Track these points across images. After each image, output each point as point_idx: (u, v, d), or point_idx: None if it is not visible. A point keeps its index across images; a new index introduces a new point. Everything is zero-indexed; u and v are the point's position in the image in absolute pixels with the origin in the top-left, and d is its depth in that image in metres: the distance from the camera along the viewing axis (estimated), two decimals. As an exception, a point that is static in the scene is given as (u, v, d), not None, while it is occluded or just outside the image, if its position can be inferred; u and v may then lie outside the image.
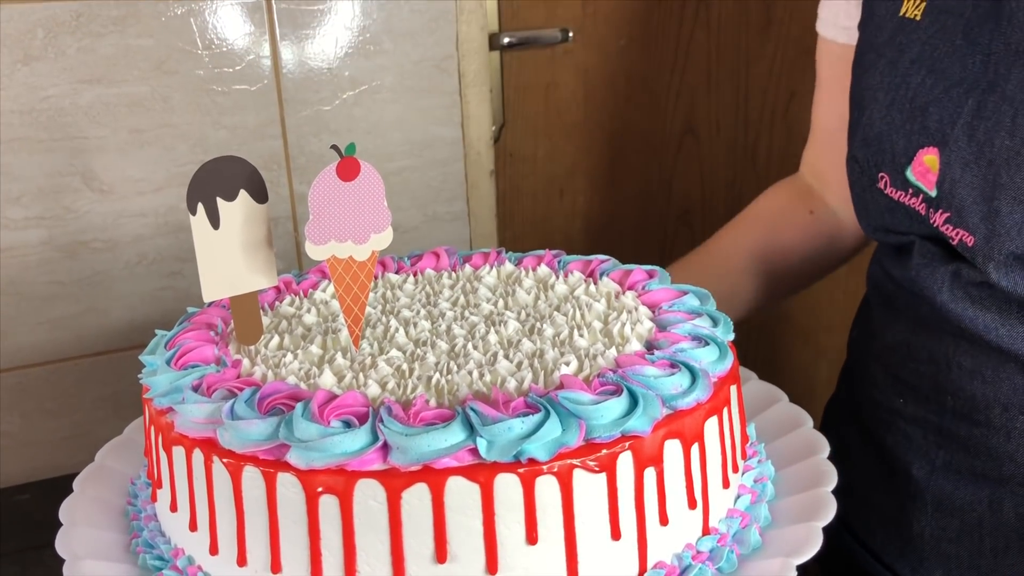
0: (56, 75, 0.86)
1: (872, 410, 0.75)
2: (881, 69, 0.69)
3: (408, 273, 0.70)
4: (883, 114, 0.67)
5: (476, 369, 0.52)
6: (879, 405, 0.74)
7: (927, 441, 0.70)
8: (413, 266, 0.71)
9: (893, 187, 0.67)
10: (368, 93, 0.96)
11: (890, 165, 0.67)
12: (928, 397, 0.70)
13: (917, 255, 0.68)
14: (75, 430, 0.93)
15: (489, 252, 0.73)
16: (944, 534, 0.70)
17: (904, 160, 0.66)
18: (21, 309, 0.89)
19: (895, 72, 0.67)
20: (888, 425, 0.73)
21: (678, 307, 0.61)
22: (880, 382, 0.74)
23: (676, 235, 1.31)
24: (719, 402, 0.53)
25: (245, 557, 0.49)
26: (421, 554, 0.46)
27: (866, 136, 0.69)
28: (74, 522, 0.56)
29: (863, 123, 0.69)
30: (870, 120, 0.69)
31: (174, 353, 0.55)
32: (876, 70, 0.69)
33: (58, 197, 0.88)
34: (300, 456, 0.46)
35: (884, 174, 0.68)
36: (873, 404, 0.75)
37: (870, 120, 0.69)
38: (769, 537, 0.54)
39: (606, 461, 0.47)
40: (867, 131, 0.69)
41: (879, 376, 0.75)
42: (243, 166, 0.54)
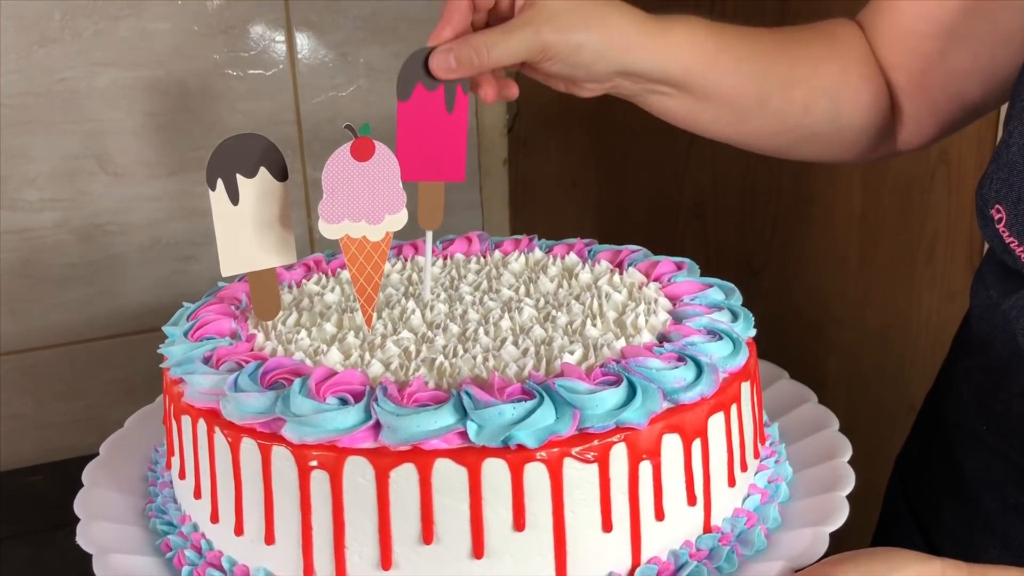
0: (72, 57, 0.87)
1: (954, 429, 0.70)
2: None
3: (438, 257, 0.70)
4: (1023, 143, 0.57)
5: (481, 354, 0.52)
6: (961, 425, 0.69)
7: (1006, 476, 0.65)
8: (444, 250, 0.71)
9: (1007, 229, 0.57)
10: (383, 80, 0.97)
11: (1012, 206, 0.56)
12: (1012, 431, 0.64)
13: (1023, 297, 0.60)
14: (87, 412, 0.95)
15: (521, 239, 0.72)
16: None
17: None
18: (35, 291, 0.91)
19: None
20: (968, 448, 0.68)
21: (700, 300, 0.60)
22: (964, 402, 0.69)
23: (688, 227, 1.29)
24: (727, 398, 0.52)
25: (242, 527, 0.50)
26: (408, 534, 0.46)
27: (1000, 155, 0.58)
28: (94, 484, 0.58)
29: (1003, 137, 0.59)
30: (1008, 140, 0.58)
31: (192, 325, 0.57)
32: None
33: (73, 180, 0.90)
34: (294, 430, 0.46)
35: (1000, 208, 0.57)
36: (955, 423, 0.70)
37: (1008, 140, 0.58)
38: (776, 539, 0.52)
39: (599, 452, 0.46)
40: (1003, 150, 0.58)
41: (964, 396, 0.69)
42: (264, 143, 0.55)
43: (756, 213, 1.35)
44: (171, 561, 0.52)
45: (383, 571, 0.46)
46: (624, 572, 0.48)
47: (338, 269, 0.68)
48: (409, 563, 0.46)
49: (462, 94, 0.58)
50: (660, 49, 0.63)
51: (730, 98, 0.67)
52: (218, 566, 0.50)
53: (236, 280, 0.65)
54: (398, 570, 0.46)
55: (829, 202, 1.38)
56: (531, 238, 0.72)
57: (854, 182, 1.37)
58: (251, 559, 0.50)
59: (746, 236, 1.36)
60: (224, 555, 0.51)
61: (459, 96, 0.57)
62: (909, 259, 1.38)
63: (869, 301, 1.41)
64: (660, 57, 0.63)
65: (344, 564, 0.47)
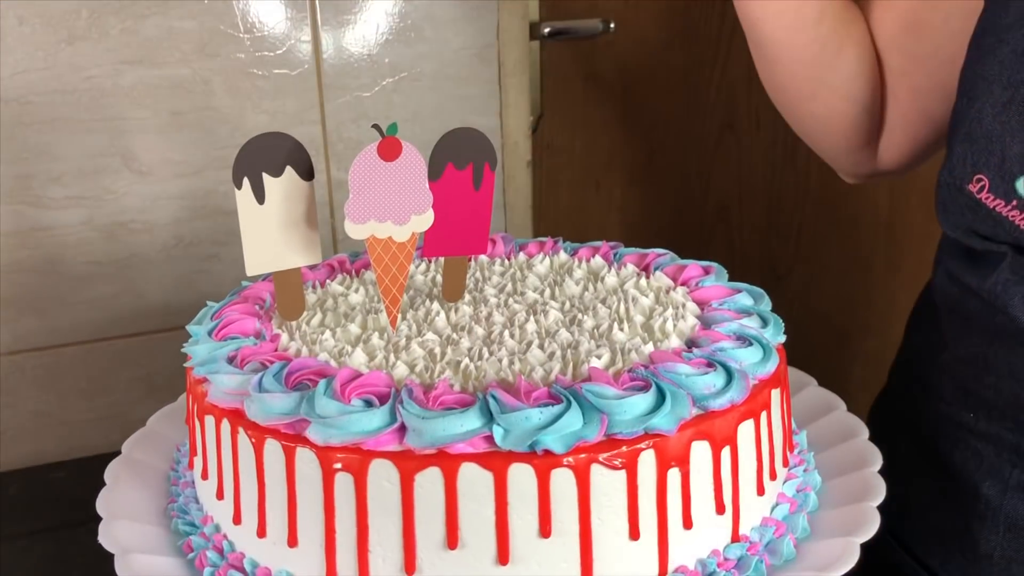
0: (99, 56, 0.87)
1: (935, 424, 0.71)
2: (1002, 58, 0.61)
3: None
4: (998, 111, 0.60)
5: (507, 357, 0.51)
6: (945, 419, 0.70)
7: (1000, 459, 0.66)
8: (469, 252, 0.71)
9: (991, 194, 0.61)
10: (408, 80, 0.96)
11: (996, 170, 0.60)
12: (1004, 414, 0.65)
13: (1007, 269, 0.62)
14: (109, 411, 0.95)
15: (546, 241, 0.72)
16: (1017, 555, 0.66)
17: (1017, 169, 0.58)
18: (59, 288, 0.91)
19: (1020, 66, 0.60)
20: (955, 440, 0.69)
21: (728, 305, 0.59)
22: (947, 395, 0.70)
23: (713, 231, 1.28)
24: (757, 405, 0.51)
25: (265, 529, 0.49)
26: (432, 539, 0.46)
27: (971, 131, 0.62)
28: (117, 482, 0.58)
29: (970, 115, 0.62)
30: (979, 114, 0.61)
31: (216, 324, 0.57)
32: (995, 57, 0.62)
33: (98, 178, 0.90)
34: (319, 432, 0.46)
35: (983, 177, 0.61)
36: (937, 418, 0.71)
37: (979, 114, 0.61)
38: (805, 549, 0.51)
39: (627, 458, 0.46)
40: (973, 126, 0.62)
41: (947, 389, 0.70)
42: (290, 142, 0.54)
43: (781, 218, 1.34)
44: (193, 562, 0.52)
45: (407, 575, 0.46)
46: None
47: (362, 270, 0.68)
48: (433, 568, 0.46)
49: (489, 172, 0.58)
50: None
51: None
52: (240, 568, 0.50)
53: (260, 279, 0.65)
54: (422, 575, 0.46)
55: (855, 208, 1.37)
56: (556, 240, 0.72)
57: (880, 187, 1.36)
58: (273, 561, 0.49)
59: (771, 241, 1.35)
60: (246, 557, 0.50)
61: (486, 174, 0.58)
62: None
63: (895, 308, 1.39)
64: None
65: (368, 568, 0.46)
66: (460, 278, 0.61)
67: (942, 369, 0.71)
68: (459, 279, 0.61)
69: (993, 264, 0.64)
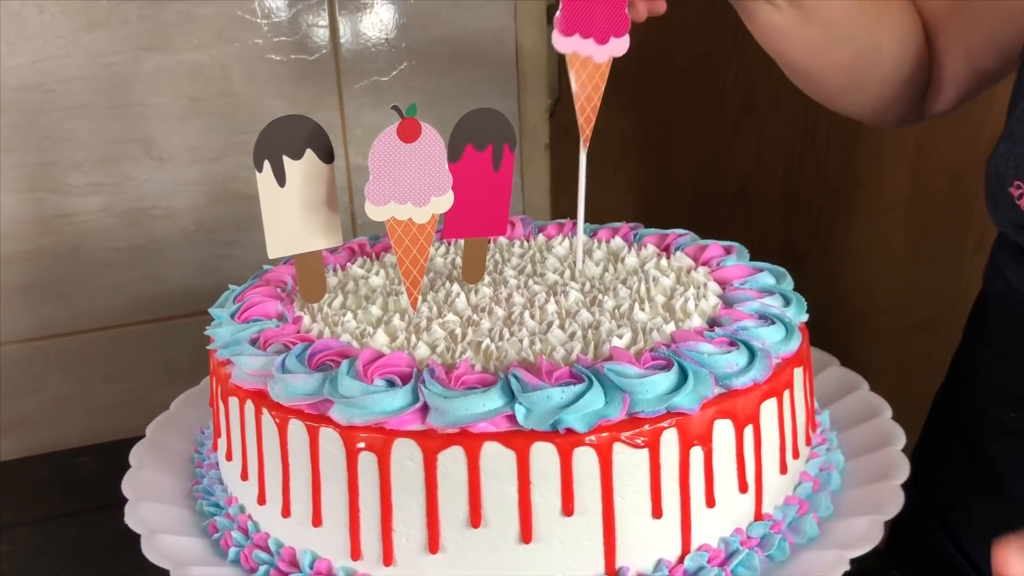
0: (118, 43, 0.87)
1: (979, 420, 0.69)
2: None
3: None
4: None
5: (528, 337, 0.51)
6: (987, 416, 0.68)
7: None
8: (488, 234, 0.71)
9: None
10: (425, 64, 0.96)
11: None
12: None
13: None
14: (131, 396, 0.96)
15: (565, 222, 0.72)
16: None
17: None
18: (81, 274, 0.92)
19: None
20: (996, 438, 0.67)
21: (750, 284, 0.59)
22: (989, 393, 0.68)
23: (732, 213, 1.27)
24: (780, 384, 0.51)
25: (289, 509, 0.49)
26: (455, 517, 0.46)
27: (1015, 132, 0.59)
28: (142, 465, 0.59)
29: (1016, 114, 0.60)
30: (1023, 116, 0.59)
31: (239, 307, 0.57)
32: None
33: (118, 164, 0.90)
34: (342, 412, 0.46)
35: (1021, 184, 0.58)
36: (980, 414, 0.69)
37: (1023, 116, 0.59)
38: (828, 528, 0.51)
39: (649, 437, 0.46)
40: (1017, 127, 0.59)
41: (988, 386, 0.68)
42: (310, 125, 0.54)
43: (801, 199, 1.33)
44: (218, 542, 0.52)
45: (430, 554, 0.46)
46: (674, 559, 0.48)
47: (382, 252, 0.68)
48: (456, 547, 0.46)
49: (508, 153, 0.58)
50: None
51: (828, 20, 0.67)
52: (265, 548, 0.50)
53: (281, 263, 0.65)
54: (445, 554, 0.46)
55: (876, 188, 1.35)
56: (575, 222, 0.71)
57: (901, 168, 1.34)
58: (298, 541, 0.49)
59: (790, 222, 1.34)
60: (271, 537, 0.51)
61: (505, 155, 0.58)
62: (958, 247, 1.35)
63: (916, 290, 1.38)
64: None
65: (391, 547, 0.47)
66: (480, 260, 0.61)
67: (986, 365, 0.69)
68: (479, 261, 0.61)
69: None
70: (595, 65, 0.58)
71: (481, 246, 0.61)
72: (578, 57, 0.57)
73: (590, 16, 0.57)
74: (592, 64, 0.58)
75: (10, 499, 0.84)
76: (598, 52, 0.58)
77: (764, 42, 0.71)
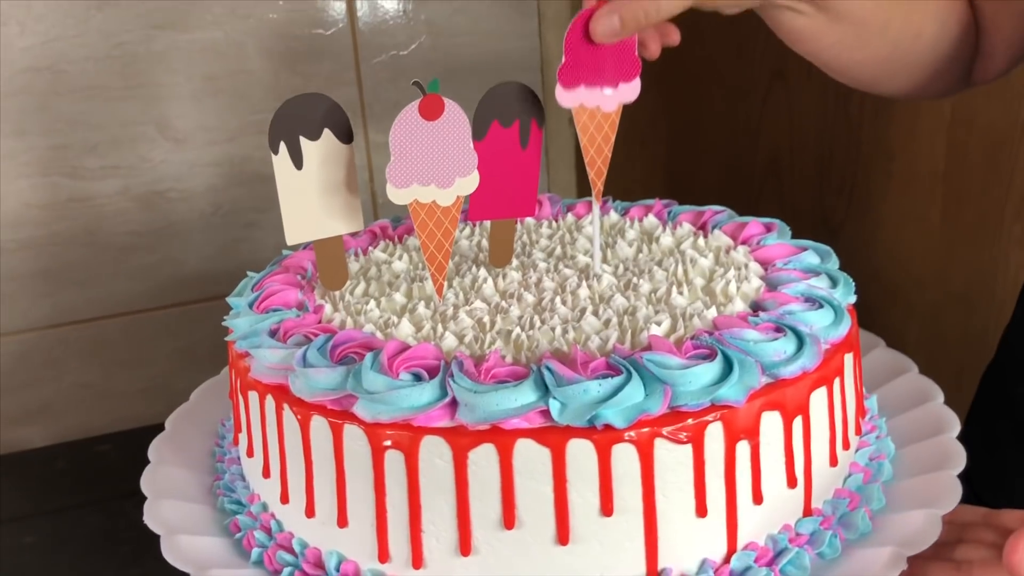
0: (129, 21, 0.85)
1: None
2: None
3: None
4: None
5: (560, 325, 0.48)
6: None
7: None
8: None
9: None
10: (445, 37, 0.93)
11: None
12: None
13: None
14: (152, 382, 0.95)
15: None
16: None
17: None
18: (99, 259, 0.90)
19: None
20: None
21: (794, 265, 0.55)
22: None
23: (763, 186, 1.23)
24: (830, 371, 0.48)
25: (313, 508, 0.47)
26: (488, 517, 0.43)
27: None
28: (161, 460, 0.57)
29: None
30: None
31: (257, 296, 0.54)
32: None
33: (133, 146, 0.88)
34: (366, 408, 0.44)
35: None
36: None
37: None
38: (881, 522, 0.48)
39: (693, 432, 0.43)
40: None
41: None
42: (327, 103, 0.52)
43: (833, 171, 1.29)
44: (240, 542, 0.50)
45: (462, 557, 0.44)
46: (719, 559, 0.45)
47: (405, 235, 0.65)
48: (490, 548, 0.44)
49: (536, 129, 0.55)
50: None
51: (860, 19, 0.63)
52: (289, 548, 0.48)
53: (300, 248, 0.62)
54: (478, 556, 0.44)
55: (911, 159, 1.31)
56: (605, 200, 0.69)
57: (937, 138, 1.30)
58: (323, 542, 0.47)
59: (823, 195, 1.30)
60: (295, 537, 0.48)
61: (533, 132, 0.55)
62: (996, 216, 1.31)
63: (953, 261, 1.34)
64: None
65: (421, 549, 0.44)
66: (508, 242, 0.58)
67: None
68: (507, 243, 0.58)
69: None
70: (604, 115, 0.54)
71: (509, 228, 0.58)
72: (585, 110, 0.53)
73: (596, 64, 0.52)
74: (601, 114, 0.53)
75: (33, 489, 0.84)
76: (606, 101, 0.53)
77: (791, 44, 0.67)
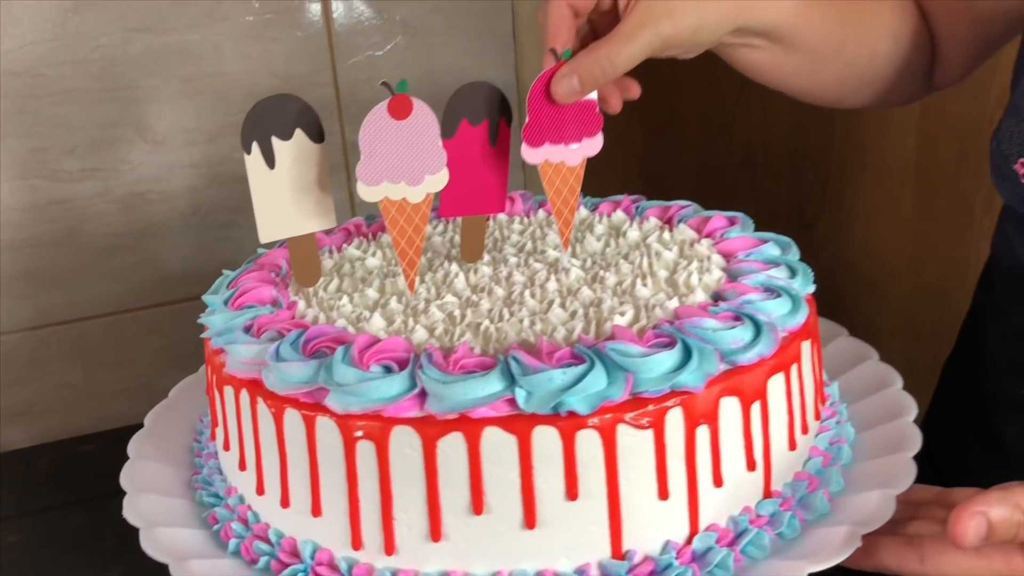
0: (106, 24, 0.86)
1: (990, 395, 0.68)
2: None
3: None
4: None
5: (528, 317, 0.50)
6: (999, 390, 0.67)
7: None
8: (487, 210, 0.69)
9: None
10: (420, 37, 0.94)
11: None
12: None
13: None
14: (135, 381, 0.95)
15: (566, 196, 0.70)
16: None
17: None
18: (79, 261, 0.91)
19: None
20: (1009, 415, 0.66)
21: (755, 256, 0.57)
22: (1000, 367, 0.66)
23: (738, 180, 1.25)
24: (787, 358, 0.49)
25: (288, 499, 0.49)
26: (457, 504, 0.45)
27: (1018, 105, 0.58)
28: (140, 456, 0.58)
29: (1021, 88, 0.58)
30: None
31: (232, 293, 0.56)
32: None
33: (112, 148, 0.89)
34: (338, 400, 0.45)
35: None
36: (991, 389, 0.67)
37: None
38: (839, 503, 0.50)
39: (654, 417, 0.44)
40: (1020, 101, 0.58)
41: (1000, 360, 0.67)
42: (298, 104, 0.53)
43: (807, 164, 1.31)
44: (218, 533, 0.51)
45: (432, 542, 0.45)
46: (682, 540, 0.47)
47: (379, 233, 0.66)
48: (459, 534, 0.45)
49: (505, 127, 0.56)
50: (767, 5, 0.61)
51: (814, 47, 0.65)
52: (265, 539, 0.49)
53: (276, 246, 0.64)
54: (448, 541, 0.45)
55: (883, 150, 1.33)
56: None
57: (909, 130, 1.32)
58: (298, 531, 0.49)
59: (797, 188, 1.32)
60: (271, 527, 0.50)
61: (502, 129, 0.56)
62: (967, 207, 1.33)
63: (926, 252, 1.36)
64: (767, 13, 0.61)
65: (393, 536, 0.46)
66: (479, 238, 0.60)
67: (997, 338, 0.67)
68: (477, 239, 0.59)
69: None
70: (569, 169, 0.56)
71: (479, 224, 0.59)
72: (550, 165, 0.55)
73: (559, 122, 0.55)
74: (566, 168, 0.56)
75: (16, 489, 0.84)
76: (571, 155, 0.55)
77: (749, 75, 0.68)
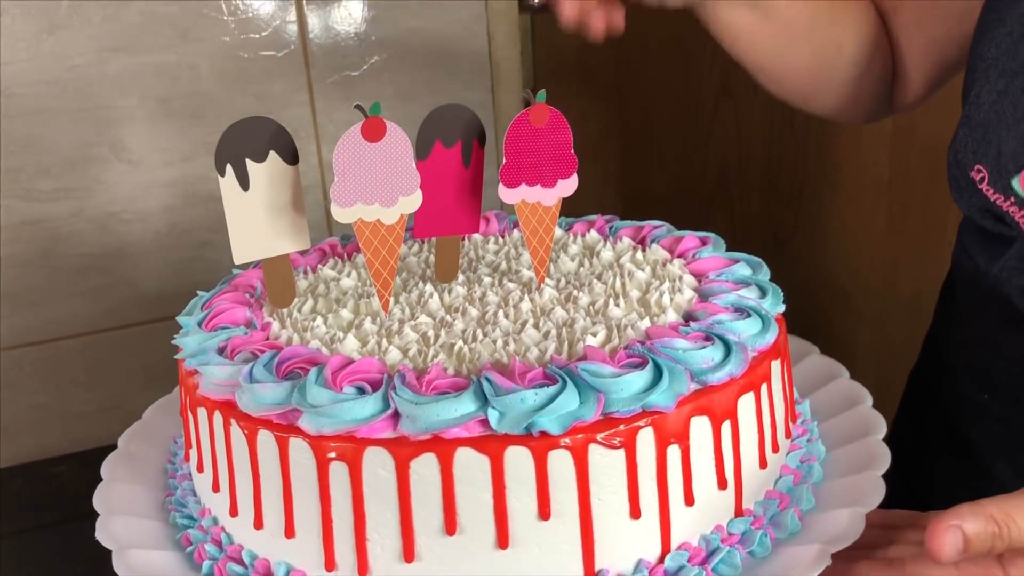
0: (82, 44, 0.86)
1: (954, 402, 0.69)
2: (999, 41, 0.57)
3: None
4: (993, 100, 0.57)
5: (502, 337, 0.50)
6: (961, 398, 0.68)
7: (1014, 443, 0.64)
8: (462, 230, 0.69)
9: (991, 186, 0.57)
10: (396, 57, 0.95)
11: (993, 163, 0.56)
12: (1017, 398, 0.63)
13: (1015, 256, 0.59)
14: (110, 402, 0.95)
15: (540, 216, 0.70)
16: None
17: (1012, 166, 0.55)
18: (53, 281, 0.91)
19: (1016, 52, 0.56)
20: (973, 420, 0.67)
21: (726, 276, 0.58)
22: (961, 374, 0.68)
23: (713, 199, 1.27)
24: (757, 378, 0.50)
25: (262, 520, 0.48)
26: (430, 525, 0.45)
27: (971, 116, 0.58)
28: (113, 478, 0.58)
29: (970, 98, 0.59)
30: (977, 99, 0.58)
31: (207, 315, 0.56)
32: (992, 39, 0.58)
33: (87, 168, 0.89)
34: (311, 421, 0.45)
35: (982, 168, 0.58)
36: (954, 396, 0.69)
37: (977, 99, 0.58)
38: (810, 521, 0.51)
39: (625, 437, 0.45)
40: (972, 111, 0.58)
41: (961, 368, 0.68)
42: (272, 126, 0.53)
43: (782, 182, 1.32)
44: (192, 556, 0.51)
45: (406, 563, 0.45)
46: (654, 559, 0.47)
47: (354, 253, 0.67)
48: (432, 555, 0.45)
49: (478, 148, 0.57)
50: None
51: (789, 20, 0.69)
52: (239, 560, 0.49)
53: (251, 267, 0.64)
54: (421, 562, 0.45)
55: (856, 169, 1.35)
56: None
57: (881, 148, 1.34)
58: (272, 553, 0.49)
59: (772, 206, 1.33)
60: (245, 549, 0.50)
61: (475, 151, 0.57)
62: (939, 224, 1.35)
63: (899, 268, 1.38)
64: None
65: (366, 557, 0.46)
66: (453, 258, 0.60)
67: (958, 346, 0.69)
68: (452, 259, 0.60)
69: (1003, 246, 0.61)
70: (544, 208, 0.57)
71: (453, 244, 0.60)
72: (527, 205, 0.57)
73: (535, 163, 0.56)
74: (542, 208, 0.57)
75: (-12, 511, 0.84)
76: (546, 196, 0.57)
77: (726, 43, 0.72)
